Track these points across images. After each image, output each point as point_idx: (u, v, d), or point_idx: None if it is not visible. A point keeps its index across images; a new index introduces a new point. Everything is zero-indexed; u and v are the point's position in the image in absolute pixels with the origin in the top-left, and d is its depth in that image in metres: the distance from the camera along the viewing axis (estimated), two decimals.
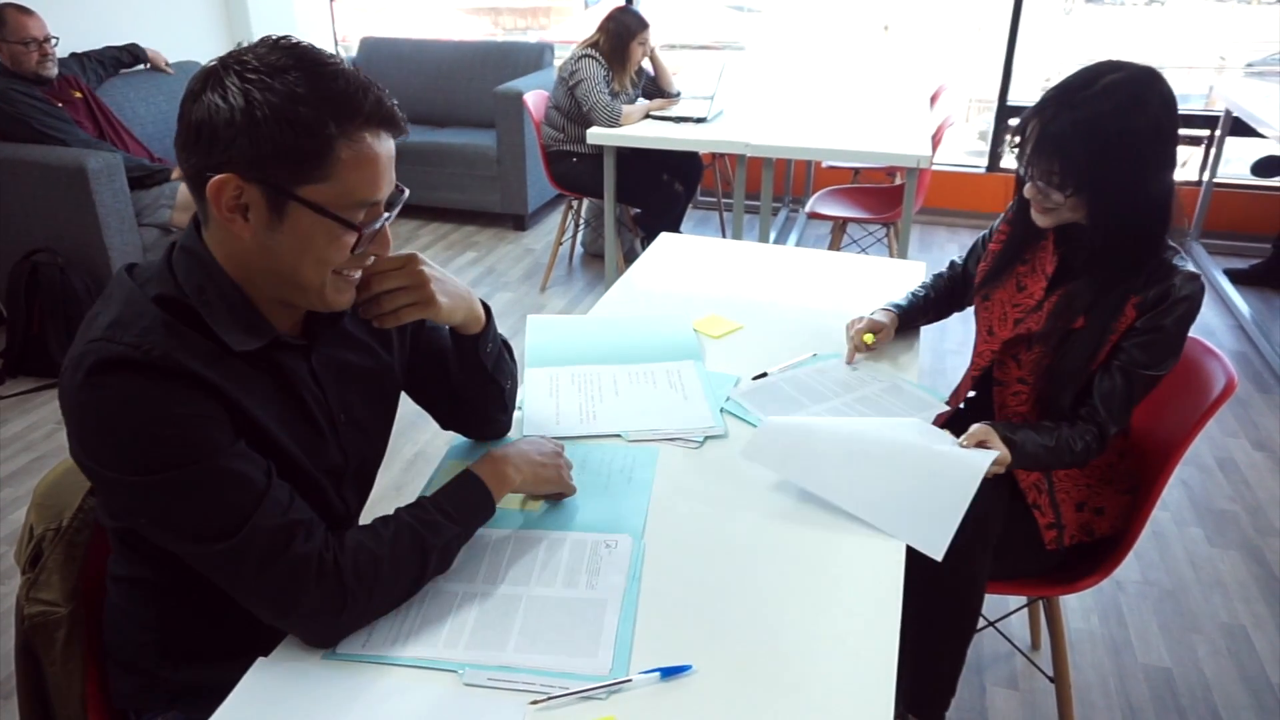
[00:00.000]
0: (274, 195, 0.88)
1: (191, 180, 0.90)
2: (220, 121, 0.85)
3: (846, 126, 3.49)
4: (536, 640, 0.98)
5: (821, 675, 0.95)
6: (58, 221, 3.21)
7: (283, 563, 0.92)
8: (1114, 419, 1.40)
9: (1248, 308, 3.74)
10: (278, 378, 1.01)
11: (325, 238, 0.91)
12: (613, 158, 3.57)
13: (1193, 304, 1.34)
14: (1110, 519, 1.51)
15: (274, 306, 0.99)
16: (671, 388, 1.51)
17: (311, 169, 0.88)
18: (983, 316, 1.58)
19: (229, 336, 0.93)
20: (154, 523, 0.93)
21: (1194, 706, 1.90)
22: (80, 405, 0.89)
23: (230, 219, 0.89)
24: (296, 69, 0.87)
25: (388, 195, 0.95)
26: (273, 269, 0.94)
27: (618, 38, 3.71)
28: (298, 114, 0.86)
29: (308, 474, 1.04)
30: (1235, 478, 2.69)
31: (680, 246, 2.24)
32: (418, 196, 4.80)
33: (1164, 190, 1.33)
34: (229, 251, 0.94)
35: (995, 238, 1.60)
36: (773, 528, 1.19)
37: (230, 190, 0.88)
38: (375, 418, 1.18)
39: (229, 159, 0.86)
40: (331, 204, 0.90)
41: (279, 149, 0.86)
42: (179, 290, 0.93)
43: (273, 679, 0.94)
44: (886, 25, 8.07)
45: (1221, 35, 7.74)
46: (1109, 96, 1.29)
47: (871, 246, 4.38)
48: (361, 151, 0.90)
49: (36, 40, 3.25)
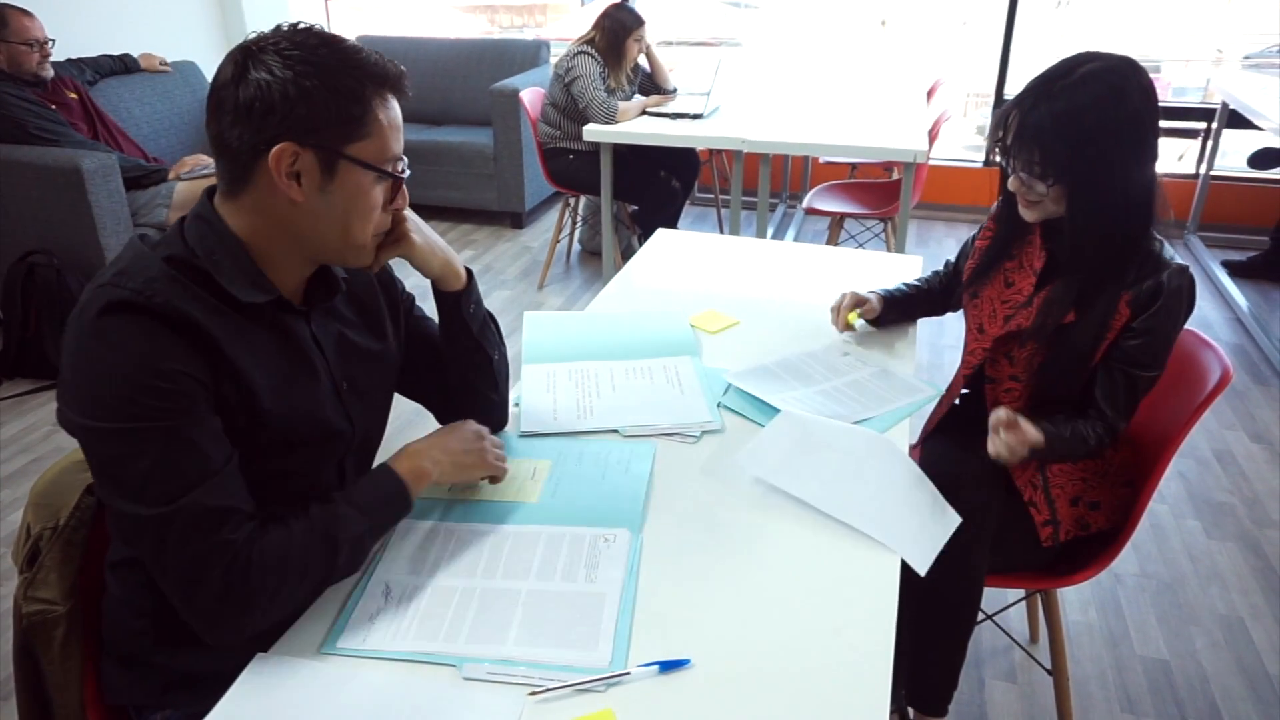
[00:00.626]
0: (327, 157, 0.97)
1: (240, 155, 0.97)
2: (275, 95, 0.93)
3: (843, 122, 3.49)
4: (535, 634, 0.99)
5: (818, 669, 0.95)
6: (53, 223, 3.20)
7: (202, 544, 0.93)
8: (1121, 416, 1.40)
9: (1245, 300, 3.75)
10: (282, 337, 1.05)
11: (370, 191, 1.02)
12: (609, 155, 3.57)
13: (1184, 297, 1.34)
14: (1106, 513, 1.51)
15: (284, 274, 1.05)
16: (668, 383, 1.52)
17: (356, 129, 0.98)
18: (972, 314, 1.58)
19: (236, 290, 0.99)
20: (102, 471, 0.95)
21: (1192, 698, 1.90)
22: (79, 347, 0.93)
23: (288, 185, 0.97)
24: (325, 46, 0.97)
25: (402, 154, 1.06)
26: (317, 230, 1.01)
27: (613, 35, 3.71)
28: (341, 82, 0.96)
29: (303, 436, 1.06)
30: (1233, 470, 2.70)
31: (677, 243, 2.24)
32: (415, 195, 4.75)
33: (1145, 182, 1.33)
34: (260, 220, 1.01)
35: (982, 234, 1.60)
36: (770, 522, 1.19)
37: (287, 157, 0.95)
38: (376, 391, 1.21)
39: (286, 128, 0.94)
40: (374, 159, 1.00)
41: (330, 114, 0.96)
42: (189, 251, 0.99)
43: (272, 673, 0.94)
44: (883, 20, 8.06)
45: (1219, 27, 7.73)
46: (1086, 86, 1.29)
47: (869, 241, 4.38)
48: (390, 111, 1.01)
49: (38, 42, 3.26)
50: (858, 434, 1.35)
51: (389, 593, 1.05)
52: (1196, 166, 4.54)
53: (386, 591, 1.05)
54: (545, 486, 1.25)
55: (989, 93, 4.76)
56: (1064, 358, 1.42)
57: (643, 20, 3.77)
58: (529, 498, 1.23)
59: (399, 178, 1.04)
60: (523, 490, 1.24)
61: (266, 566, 0.96)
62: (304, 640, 0.99)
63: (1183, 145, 4.88)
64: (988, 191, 4.85)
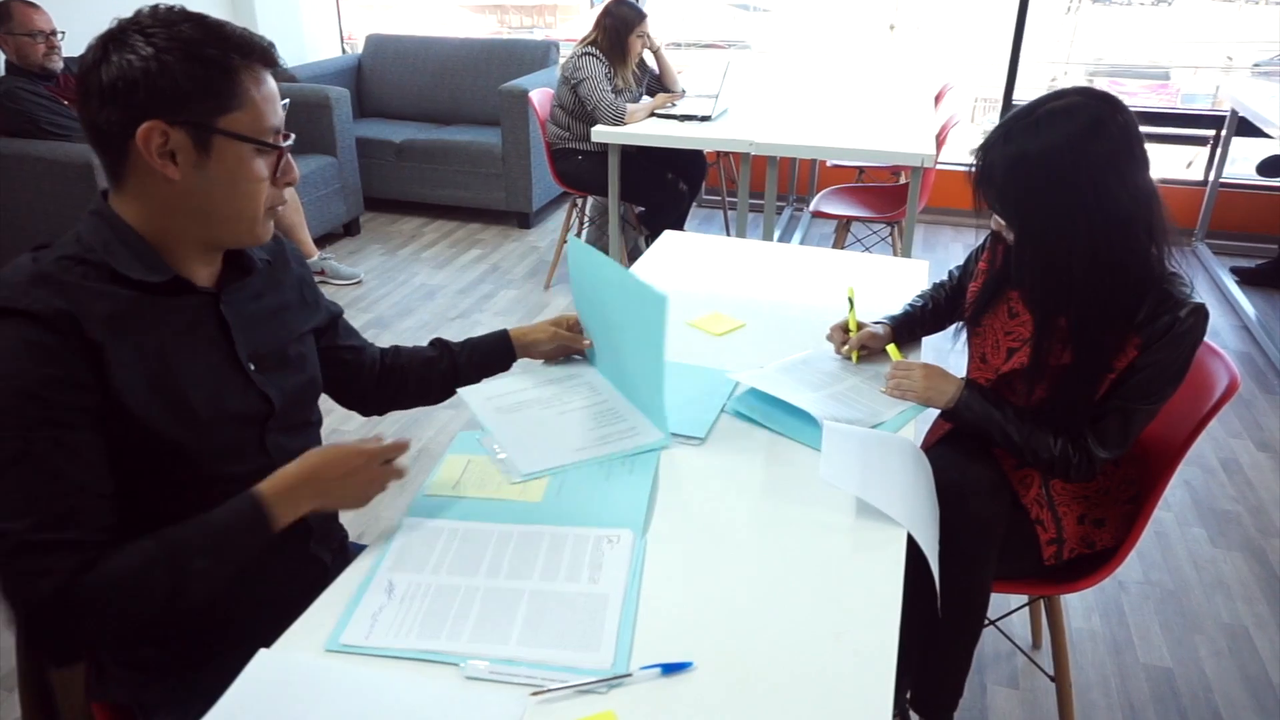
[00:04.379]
0: (198, 132, 0.96)
1: (112, 139, 0.96)
2: (137, 72, 0.93)
3: (851, 125, 3.49)
4: (538, 634, 0.99)
5: (821, 673, 0.95)
6: (64, 216, 3.22)
7: (29, 569, 0.88)
8: (1106, 448, 1.37)
9: (1253, 308, 3.73)
10: (189, 319, 1.04)
11: (250, 164, 1.00)
12: (617, 156, 3.58)
13: (1194, 337, 1.30)
14: (1111, 530, 1.50)
15: (192, 262, 1.04)
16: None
17: (226, 99, 0.96)
18: (975, 344, 1.56)
19: (130, 270, 0.98)
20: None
21: (1195, 707, 1.89)
22: None
23: (163, 165, 0.95)
24: (187, 21, 0.96)
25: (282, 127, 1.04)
26: (204, 209, 1.00)
27: (615, 33, 3.69)
28: (205, 53, 0.95)
29: (211, 420, 1.03)
30: (1238, 478, 2.69)
31: (684, 245, 2.24)
32: (422, 194, 4.81)
33: (1120, 219, 1.26)
34: (149, 208, 1.00)
35: (984, 256, 1.57)
36: (774, 525, 1.19)
37: (157, 136, 0.94)
38: (296, 351, 1.18)
39: (151, 105, 0.93)
40: (249, 131, 0.99)
41: (195, 86, 0.94)
42: (84, 248, 0.98)
43: (274, 670, 0.94)
44: (892, 24, 8.05)
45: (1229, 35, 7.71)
46: (1041, 130, 1.26)
47: (875, 245, 4.38)
48: (262, 81, 1.00)
49: (43, 33, 3.27)
50: (893, 441, 1.35)
51: (392, 590, 1.05)
52: (1205, 174, 4.53)
53: (390, 589, 1.05)
54: (549, 486, 1.25)
55: (998, 98, 4.76)
56: (1065, 395, 1.39)
57: (644, 14, 3.75)
58: (533, 497, 1.23)
59: (279, 148, 1.03)
60: (527, 490, 1.24)
61: (93, 598, 0.90)
62: (307, 637, 0.99)
63: (1191, 152, 4.87)
64: None
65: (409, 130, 4.89)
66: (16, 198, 3.25)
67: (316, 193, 4.24)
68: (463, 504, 1.21)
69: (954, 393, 1.46)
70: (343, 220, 4.53)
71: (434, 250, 4.49)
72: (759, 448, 1.36)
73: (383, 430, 2.89)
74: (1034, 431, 1.40)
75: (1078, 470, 1.39)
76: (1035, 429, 1.40)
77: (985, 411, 1.44)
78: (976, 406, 1.45)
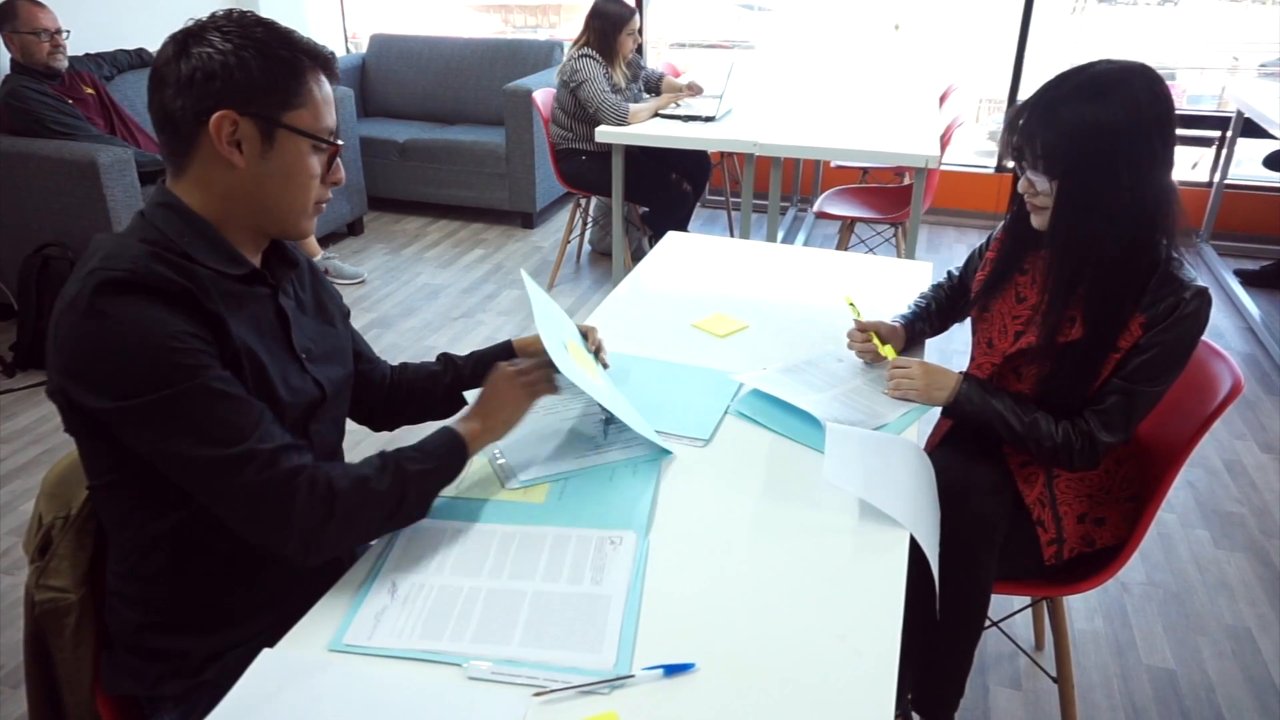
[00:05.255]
0: (265, 125, 1.02)
1: (182, 125, 1.01)
2: (216, 65, 0.99)
3: (855, 126, 3.49)
4: (541, 635, 0.99)
5: (823, 674, 0.95)
6: (69, 216, 3.23)
7: (280, 473, 0.99)
8: (1109, 432, 1.38)
9: (1258, 309, 3.73)
10: (258, 308, 1.10)
11: (307, 159, 1.07)
12: (621, 156, 3.58)
13: (1199, 320, 1.32)
14: (1112, 528, 1.50)
15: (244, 248, 1.09)
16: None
17: (293, 96, 1.04)
18: (981, 329, 1.56)
19: (209, 261, 1.03)
20: (156, 446, 0.97)
21: (1198, 708, 1.89)
22: (80, 335, 0.95)
23: (229, 152, 1.02)
24: (261, 26, 1.04)
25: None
26: (259, 198, 1.06)
27: (603, 34, 3.67)
28: (278, 53, 1.02)
29: (286, 404, 1.09)
30: (1242, 480, 2.68)
31: (687, 245, 2.24)
32: (426, 193, 4.82)
33: (1155, 192, 1.30)
34: (209, 195, 1.05)
35: (992, 246, 1.58)
36: (777, 527, 1.19)
37: (228, 125, 1.00)
38: (337, 340, 1.25)
39: (226, 96, 1.00)
40: (310, 128, 1.06)
41: (267, 81, 1.01)
42: (162, 235, 1.02)
43: (277, 669, 0.94)
44: (897, 25, 8.04)
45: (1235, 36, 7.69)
46: (1096, 83, 1.28)
47: (879, 246, 4.38)
48: (323, 86, 1.08)
49: (48, 31, 3.27)
50: (896, 443, 1.36)
51: (395, 591, 1.06)
52: (1210, 174, 4.52)
53: (392, 590, 1.06)
54: (552, 487, 1.26)
55: (1002, 99, 4.75)
56: (1070, 373, 1.40)
57: (633, 11, 3.73)
58: (536, 498, 1.23)
59: (334, 145, 1.09)
60: (530, 491, 1.25)
61: (344, 487, 1.03)
62: (310, 637, 0.99)
63: (1197, 153, 4.86)
64: (999, 197, 4.83)
65: (413, 130, 4.90)
66: (21, 197, 3.26)
67: None
68: (466, 505, 1.22)
69: (953, 386, 1.47)
70: (346, 220, 4.53)
71: (437, 250, 4.49)
72: (762, 449, 1.36)
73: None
74: (1035, 420, 1.41)
75: (1081, 456, 1.39)
76: (1036, 417, 1.41)
77: (985, 403, 1.45)
78: (976, 399, 1.45)
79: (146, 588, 1.11)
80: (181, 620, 1.11)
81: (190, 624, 1.12)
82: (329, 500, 1.01)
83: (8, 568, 2.28)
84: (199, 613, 1.11)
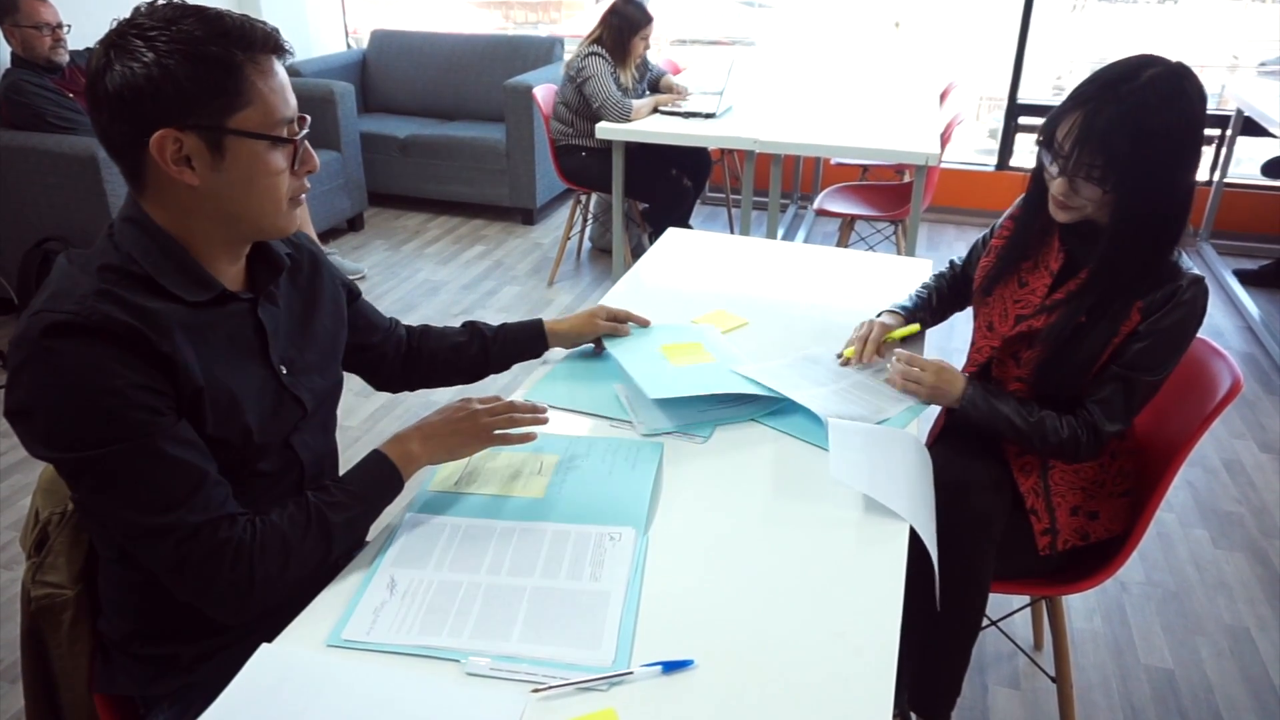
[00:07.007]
0: (210, 135, 0.94)
1: (126, 150, 0.95)
2: (140, 80, 0.90)
3: (856, 123, 3.49)
4: (539, 631, 0.99)
5: (822, 671, 0.95)
6: (69, 210, 3.22)
7: (204, 549, 0.95)
8: (1111, 421, 1.39)
9: (1257, 309, 3.72)
10: (232, 327, 1.05)
11: (267, 159, 0.98)
12: (621, 153, 3.57)
13: (1196, 308, 1.33)
14: (1105, 522, 1.50)
15: (220, 262, 1.03)
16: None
17: (234, 98, 0.94)
18: (983, 312, 1.57)
19: (181, 290, 0.98)
20: (86, 496, 0.96)
21: (1196, 708, 1.89)
22: (28, 380, 0.90)
23: (179, 172, 0.94)
24: (186, 17, 0.93)
25: (297, 114, 1.02)
26: (226, 211, 0.99)
27: (619, 32, 3.69)
28: (207, 52, 0.92)
29: (256, 433, 1.05)
30: (1241, 480, 2.68)
31: (687, 242, 2.24)
32: (426, 189, 4.81)
33: (1188, 188, 1.32)
34: (173, 213, 0.99)
35: (999, 233, 1.59)
36: (776, 523, 1.19)
37: (170, 144, 0.93)
38: (328, 344, 1.21)
39: (160, 114, 0.91)
40: (260, 127, 0.96)
41: (200, 88, 0.92)
42: (125, 258, 0.97)
43: (275, 665, 0.94)
44: (897, 22, 8.03)
45: (1235, 34, 7.68)
46: (1154, 89, 1.25)
47: (879, 244, 4.37)
48: (268, 72, 0.96)
49: (49, 25, 3.27)
50: (898, 437, 1.36)
51: (394, 586, 1.05)
52: (1210, 173, 4.51)
53: (391, 585, 1.06)
54: (551, 482, 1.25)
55: (1003, 96, 4.74)
56: (1069, 359, 1.41)
57: (651, 17, 3.74)
58: (535, 493, 1.23)
59: (292, 141, 1.00)
60: (529, 486, 1.25)
61: (269, 558, 0.98)
62: (308, 632, 0.99)
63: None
64: (1000, 195, 4.83)
65: (413, 126, 4.89)
66: (21, 191, 3.25)
67: (320, 188, 4.24)
68: (465, 501, 1.22)
69: (959, 394, 1.47)
70: (347, 215, 4.53)
71: (437, 246, 4.49)
72: (761, 446, 1.36)
73: (389, 426, 2.89)
74: (1040, 418, 1.42)
75: (1087, 448, 1.41)
76: (1043, 417, 1.42)
77: (990, 407, 1.45)
78: (981, 403, 1.45)
79: (131, 595, 1.10)
80: (170, 627, 1.11)
81: (178, 630, 1.11)
82: (249, 576, 0.97)
83: (6, 563, 2.28)
84: (186, 621, 1.08)
